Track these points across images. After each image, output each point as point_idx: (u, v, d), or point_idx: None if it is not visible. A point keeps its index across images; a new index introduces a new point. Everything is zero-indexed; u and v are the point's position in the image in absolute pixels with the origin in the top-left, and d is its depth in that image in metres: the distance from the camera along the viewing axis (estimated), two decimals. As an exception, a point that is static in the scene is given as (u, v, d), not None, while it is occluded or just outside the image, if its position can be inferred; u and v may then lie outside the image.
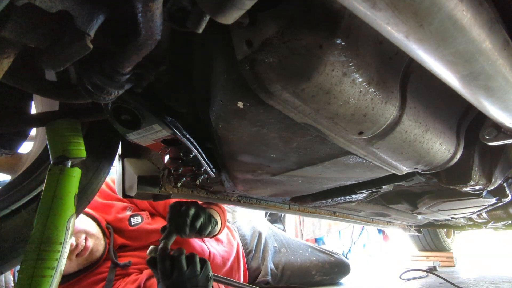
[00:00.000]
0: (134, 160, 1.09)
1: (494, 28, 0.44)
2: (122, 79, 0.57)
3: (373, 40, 0.54)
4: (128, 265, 1.57)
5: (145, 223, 1.75)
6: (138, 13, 0.44)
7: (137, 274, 1.56)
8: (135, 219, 1.75)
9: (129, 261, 1.59)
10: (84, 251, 1.50)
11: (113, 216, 1.73)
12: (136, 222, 1.74)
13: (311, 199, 1.38)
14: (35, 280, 0.67)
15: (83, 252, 1.50)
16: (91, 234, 1.56)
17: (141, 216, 1.78)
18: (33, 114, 0.91)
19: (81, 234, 1.52)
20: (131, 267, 1.58)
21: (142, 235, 1.72)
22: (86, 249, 1.51)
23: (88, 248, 1.52)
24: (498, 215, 2.05)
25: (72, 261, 1.50)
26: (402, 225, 2.63)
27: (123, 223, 1.72)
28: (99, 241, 1.59)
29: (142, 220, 1.76)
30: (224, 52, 0.58)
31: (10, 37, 0.45)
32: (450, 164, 0.84)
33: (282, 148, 0.79)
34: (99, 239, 1.60)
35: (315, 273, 2.33)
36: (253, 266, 2.16)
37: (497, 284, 2.23)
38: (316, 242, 4.70)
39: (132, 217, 1.75)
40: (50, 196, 0.72)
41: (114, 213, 1.74)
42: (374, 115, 0.59)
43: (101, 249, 1.59)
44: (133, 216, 1.75)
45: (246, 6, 0.39)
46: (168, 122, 0.74)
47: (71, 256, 1.47)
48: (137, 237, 1.72)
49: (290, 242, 2.43)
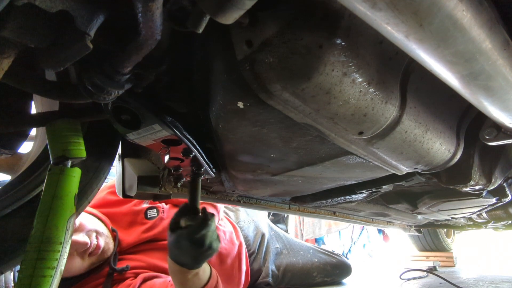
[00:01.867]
0: (134, 160, 1.09)
1: (494, 28, 0.44)
2: (122, 79, 0.57)
3: (373, 40, 0.54)
4: (126, 270, 1.56)
5: (159, 218, 1.77)
6: (138, 13, 0.44)
7: (132, 279, 1.55)
8: (151, 211, 1.77)
9: (127, 266, 1.58)
10: (96, 249, 1.50)
11: (129, 208, 1.74)
12: (152, 215, 1.76)
13: (311, 199, 1.38)
14: (35, 280, 0.67)
15: (95, 250, 1.50)
16: (101, 233, 1.56)
17: (157, 209, 1.79)
18: (33, 114, 0.91)
19: (92, 232, 1.52)
20: (128, 272, 1.57)
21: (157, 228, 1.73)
22: (98, 247, 1.51)
23: (100, 246, 1.52)
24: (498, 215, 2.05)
25: (85, 260, 1.49)
26: (402, 225, 2.63)
27: (139, 216, 1.74)
28: (109, 239, 1.60)
29: (157, 214, 1.77)
30: (224, 52, 0.58)
31: (10, 37, 0.45)
32: (450, 164, 0.84)
33: (282, 148, 0.79)
34: (109, 238, 1.60)
35: (317, 275, 2.33)
36: (254, 268, 2.15)
37: (497, 284, 2.23)
38: (316, 242, 4.70)
39: (148, 209, 1.77)
40: (50, 196, 0.72)
41: (131, 206, 1.75)
42: (374, 115, 0.59)
43: (111, 247, 1.59)
44: (150, 209, 1.77)
45: (246, 6, 0.39)
46: (168, 122, 0.74)
47: (83, 255, 1.48)
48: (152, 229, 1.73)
49: (292, 244, 2.42)
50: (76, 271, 1.49)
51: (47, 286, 0.68)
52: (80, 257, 1.47)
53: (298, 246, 2.43)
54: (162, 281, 1.52)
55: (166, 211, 1.82)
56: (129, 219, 1.73)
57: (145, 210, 1.76)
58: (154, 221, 1.75)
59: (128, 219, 1.73)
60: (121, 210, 1.74)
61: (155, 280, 1.53)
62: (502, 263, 3.80)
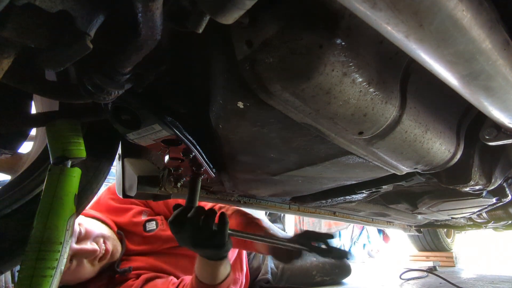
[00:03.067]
0: (134, 160, 1.09)
1: (494, 28, 0.44)
2: (122, 79, 0.57)
3: (373, 40, 0.54)
4: (128, 271, 1.55)
5: (160, 230, 1.72)
6: (138, 13, 0.44)
7: (134, 280, 1.54)
8: (150, 224, 1.72)
9: (129, 267, 1.56)
10: (106, 254, 1.49)
11: (128, 219, 1.71)
12: (151, 228, 1.71)
13: (311, 199, 1.38)
14: (35, 280, 0.67)
15: (105, 255, 1.49)
16: (108, 237, 1.54)
17: (156, 222, 1.74)
18: (33, 114, 0.91)
19: (99, 238, 1.50)
20: (130, 273, 1.56)
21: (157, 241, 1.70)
22: (107, 252, 1.50)
23: (109, 251, 1.51)
24: (498, 215, 2.05)
25: (95, 266, 1.48)
26: (402, 225, 2.63)
27: (138, 228, 1.70)
28: (116, 241, 1.58)
29: (156, 226, 1.73)
30: (224, 52, 0.58)
31: (10, 37, 0.45)
32: (450, 164, 0.84)
33: (282, 148, 0.79)
34: (116, 240, 1.59)
35: (316, 274, 2.33)
36: (253, 266, 2.15)
37: (497, 284, 2.23)
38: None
39: (147, 222, 1.72)
40: (50, 196, 0.72)
41: (130, 217, 1.72)
42: (374, 115, 0.59)
43: (119, 249, 1.58)
44: (148, 221, 1.72)
45: (246, 6, 0.39)
46: (168, 122, 0.74)
47: (93, 261, 1.46)
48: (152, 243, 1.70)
49: None
50: (87, 276, 1.49)
51: (47, 286, 0.68)
52: (91, 264, 1.46)
53: None
54: (164, 280, 1.52)
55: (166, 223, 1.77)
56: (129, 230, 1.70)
57: (144, 222, 1.72)
58: (154, 234, 1.71)
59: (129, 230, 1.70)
60: (122, 220, 1.72)
61: (157, 281, 1.52)
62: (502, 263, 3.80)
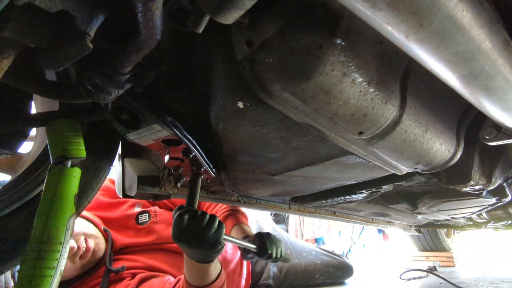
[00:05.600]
0: (134, 160, 1.09)
1: (494, 28, 0.44)
2: (122, 79, 0.57)
3: (373, 40, 0.54)
4: (121, 270, 1.56)
5: (152, 222, 1.75)
6: (138, 13, 0.44)
7: (129, 279, 1.54)
8: (143, 216, 1.74)
9: (123, 266, 1.57)
10: (86, 252, 1.50)
11: (121, 212, 1.72)
12: (143, 220, 1.73)
13: (311, 199, 1.39)
14: (35, 280, 0.67)
15: (85, 253, 1.50)
16: (90, 235, 1.56)
17: (149, 214, 1.76)
18: (33, 114, 0.91)
19: (80, 236, 1.51)
20: (124, 272, 1.57)
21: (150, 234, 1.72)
22: (88, 250, 1.51)
23: (90, 249, 1.52)
24: (498, 215, 2.05)
25: (76, 263, 1.49)
26: (402, 225, 2.63)
27: (131, 221, 1.72)
28: (99, 239, 1.59)
29: (149, 219, 1.75)
30: (224, 52, 0.58)
31: (10, 37, 0.45)
32: (450, 164, 0.84)
33: (282, 148, 0.79)
34: (99, 238, 1.59)
35: (318, 277, 2.33)
36: (256, 270, 2.14)
37: (497, 284, 2.23)
38: (316, 242, 4.71)
39: (140, 214, 1.74)
40: (50, 196, 0.72)
41: (123, 210, 1.73)
42: (374, 115, 0.59)
43: (102, 247, 1.59)
44: (141, 213, 1.75)
45: (246, 6, 0.39)
46: (168, 122, 0.74)
47: (74, 259, 1.47)
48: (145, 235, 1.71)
49: (295, 245, 2.40)
50: (69, 274, 1.50)
51: (47, 286, 0.68)
52: (70, 261, 1.47)
53: (300, 248, 2.41)
54: (160, 280, 1.52)
55: (159, 215, 1.80)
56: (121, 223, 1.71)
57: (136, 215, 1.73)
58: (147, 226, 1.72)
59: (121, 223, 1.71)
60: (113, 214, 1.72)
61: (152, 280, 1.53)
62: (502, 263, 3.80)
